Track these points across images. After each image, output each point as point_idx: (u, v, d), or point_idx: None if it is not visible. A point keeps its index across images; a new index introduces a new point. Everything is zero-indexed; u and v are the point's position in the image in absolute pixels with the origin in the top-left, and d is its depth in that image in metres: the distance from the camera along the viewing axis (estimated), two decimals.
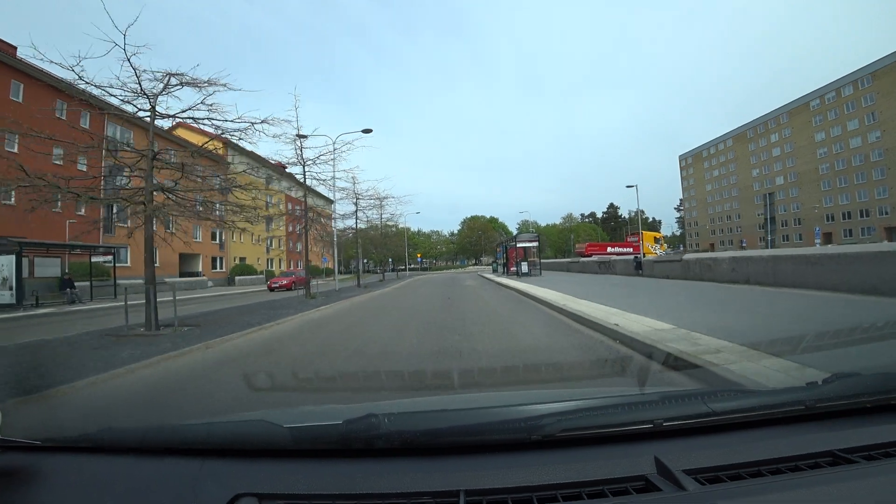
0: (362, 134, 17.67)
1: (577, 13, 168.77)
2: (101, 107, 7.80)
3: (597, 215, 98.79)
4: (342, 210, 29.91)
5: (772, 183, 61.70)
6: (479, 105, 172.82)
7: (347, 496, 0.87)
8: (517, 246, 26.41)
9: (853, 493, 0.82)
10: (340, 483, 0.90)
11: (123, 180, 7.85)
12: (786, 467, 0.92)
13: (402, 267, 50.23)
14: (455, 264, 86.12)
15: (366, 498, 0.86)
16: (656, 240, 50.02)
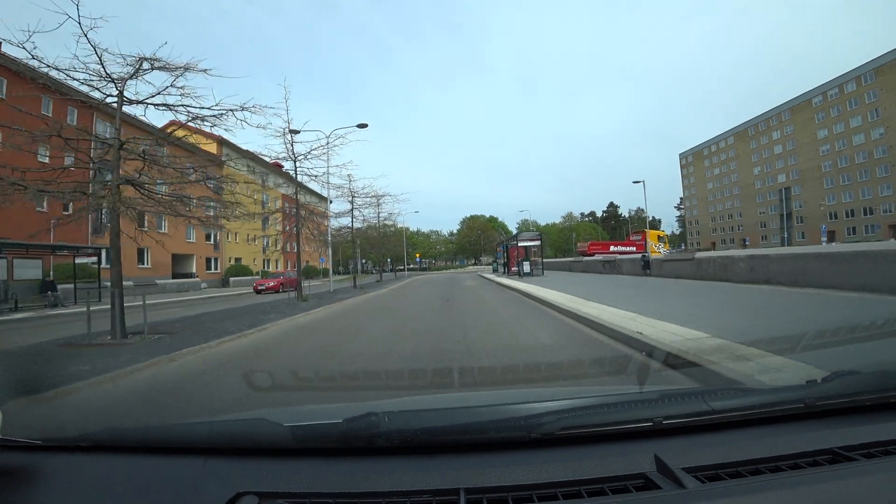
0: (357, 128, 16.98)
1: (577, 13, 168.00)
2: (62, 91, 7.04)
3: (597, 214, 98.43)
4: (337, 209, 29.23)
5: (773, 181, 61.19)
6: (478, 104, 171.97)
7: (348, 495, 0.86)
8: (518, 245, 25.65)
9: (853, 491, 0.80)
10: (341, 481, 0.90)
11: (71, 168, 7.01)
12: (786, 465, 0.91)
13: (401, 267, 49.24)
14: (454, 264, 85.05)
15: (366, 496, 0.86)
16: (660, 238, 48.91)
